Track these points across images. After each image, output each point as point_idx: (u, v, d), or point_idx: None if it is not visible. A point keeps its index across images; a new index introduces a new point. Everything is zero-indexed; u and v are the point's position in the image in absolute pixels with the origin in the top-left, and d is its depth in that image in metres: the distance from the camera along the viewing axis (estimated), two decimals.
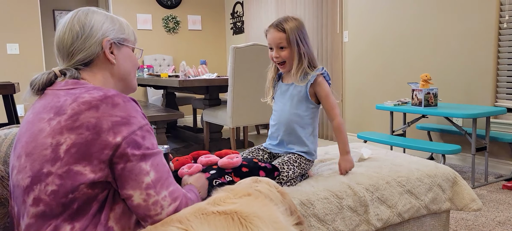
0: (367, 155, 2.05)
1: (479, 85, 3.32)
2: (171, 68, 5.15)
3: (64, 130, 0.96)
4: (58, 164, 0.95)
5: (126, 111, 0.99)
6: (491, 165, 3.29)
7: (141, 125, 1.01)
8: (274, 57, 1.75)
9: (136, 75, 1.26)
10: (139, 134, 0.99)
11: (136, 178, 0.97)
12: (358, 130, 4.53)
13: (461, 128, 3.08)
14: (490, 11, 3.19)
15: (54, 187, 0.95)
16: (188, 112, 6.72)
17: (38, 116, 1.02)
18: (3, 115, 5.37)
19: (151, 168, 0.99)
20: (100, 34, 1.11)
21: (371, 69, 4.33)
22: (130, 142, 0.97)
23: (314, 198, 1.54)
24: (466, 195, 1.87)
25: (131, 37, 1.21)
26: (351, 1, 4.49)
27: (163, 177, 1.01)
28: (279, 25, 1.72)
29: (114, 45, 1.14)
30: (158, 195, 0.99)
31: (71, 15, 1.13)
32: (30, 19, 5.53)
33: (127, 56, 1.19)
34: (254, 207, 1.02)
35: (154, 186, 0.99)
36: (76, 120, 0.96)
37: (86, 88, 1.03)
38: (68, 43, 1.10)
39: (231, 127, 3.77)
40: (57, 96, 1.03)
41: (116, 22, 1.17)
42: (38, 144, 0.98)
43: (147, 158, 0.99)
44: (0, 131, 1.36)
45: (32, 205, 0.96)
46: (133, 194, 0.98)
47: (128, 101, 1.02)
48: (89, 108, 0.96)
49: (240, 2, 6.62)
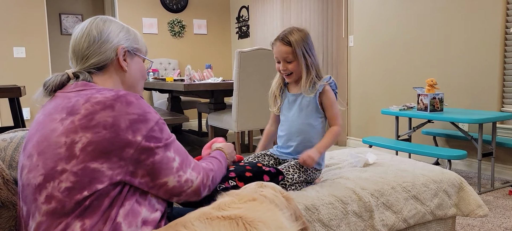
0: (373, 160, 2.05)
1: (485, 91, 3.30)
2: (177, 72, 5.16)
3: (78, 128, 0.98)
4: (74, 161, 0.97)
5: (141, 108, 1.04)
6: (497, 171, 3.26)
7: (156, 120, 1.06)
8: (282, 70, 1.76)
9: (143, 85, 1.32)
10: (157, 129, 1.05)
11: (167, 166, 1.06)
12: (363, 134, 4.52)
13: (467, 133, 3.06)
14: (496, 16, 3.18)
15: (69, 184, 0.96)
16: (193, 116, 6.73)
17: (49, 116, 1.04)
18: (9, 118, 5.41)
19: (175, 154, 1.09)
20: (116, 41, 1.18)
21: (376, 73, 4.32)
22: (151, 138, 1.03)
23: (319, 203, 1.53)
24: (472, 201, 1.86)
25: (143, 48, 1.28)
26: (356, 6, 4.48)
27: (185, 158, 1.13)
28: (284, 39, 1.73)
29: (127, 53, 1.21)
30: (186, 173, 1.11)
31: (90, 21, 1.19)
32: (37, 22, 5.57)
33: (138, 66, 1.26)
34: (259, 212, 1.01)
35: (181, 168, 1.10)
36: (92, 119, 0.99)
37: (96, 89, 1.07)
38: (84, 46, 1.16)
39: (236, 131, 3.76)
40: (68, 98, 1.06)
41: (131, 32, 1.24)
42: (51, 143, 1.00)
43: (169, 146, 1.08)
44: (5, 134, 1.37)
45: (44, 202, 0.97)
46: (167, 180, 1.07)
47: (139, 98, 1.08)
48: (104, 108, 1.00)
49: (246, 6, 6.63)
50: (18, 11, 5.45)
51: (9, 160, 1.24)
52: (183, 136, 5.28)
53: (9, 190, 1.18)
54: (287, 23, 5.48)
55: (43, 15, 5.61)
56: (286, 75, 1.77)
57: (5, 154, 1.29)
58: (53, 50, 7.00)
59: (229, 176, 1.47)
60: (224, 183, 1.44)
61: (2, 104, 5.45)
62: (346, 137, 4.76)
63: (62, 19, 7.56)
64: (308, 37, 1.77)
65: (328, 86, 1.75)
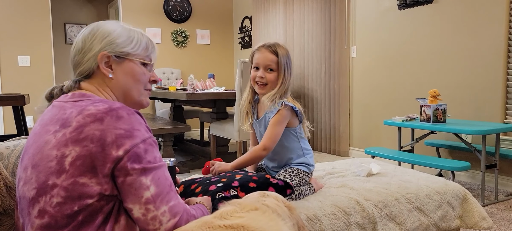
0: (376, 170, 2.04)
1: (489, 102, 3.29)
2: (179, 81, 5.18)
3: (69, 142, 0.96)
4: (64, 176, 0.95)
5: (130, 124, 0.99)
6: (501, 183, 3.24)
7: (144, 138, 1.00)
8: (259, 77, 1.74)
9: (143, 90, 1.20)
10: (142, 147, 0.99)
11: (135, 192, 0.97)
12: (366, 145, 4.51)
13: (471, 145, 3.05)
14: (499, 27, 3.18)
15: (60, 199, 0.95)
16: (195, 126, 6.73)
17: (44, 127, 1.03)
18: (13, 126, 5.42)
19: (151, 182, 0.99)
20: (98, 48, 1.12)
21: (379, 84, 4.32)
22: (132, 156, 0.97)
23: (321, 214, 1.52)
24: (476, 213, 1.84)
25: (138, 50, 1.16)
26: (359, 16, 4.50)
27: (163, 191, 1.01)
28: (272, 47, 1.73)
29: (113, 59, 1.13)
30: (157, 210, 0.98)
31: (83, 30, 1.17)
32: (42, 32, 5.61)
33: (128, 71, 1.15)
34: (261, 222, 1.01)
35: (153, 200, 0.98)
36: (81, 132, 0.96)
37: (92, 101, 1.03)
38: (72, 55, 1.15)
39: (238, 140, 3.76)
40: (63, 108, 1.04)
41: (123, 34, 1.15)
42: (44, 156, 0.98)
43: (148, 172, 0.99)
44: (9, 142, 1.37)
45: (37, 217, 0.96)
46: (132, 207, 0.98)
47: (132, 114, 1.02)
48: (94, 121, 0.97)
49: (249, 17, 6.66)
50: (23, 20, 5.50)
51: (12, 167, 1.25)
52: (185, 145, 5.28)
53: (11, 198, 1.18)
54: (289, 33, 5.50)
55: (48, 25, 5.65)
56: (261, 84, 1.75)
57: (8, 161, 1.29)
58: (57, 59, 7.04)
59: (232, 185, 1.47)
60: (225, 192, 1.43)
61: (6, 113, 5.46)
62: (348, 148, 4.75)
63: (67, 28, 7.61)
64: (290, 55, 1.78)
65: (284, 109, 1.70)
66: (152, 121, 4.44)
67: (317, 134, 5.15)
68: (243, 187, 1.48)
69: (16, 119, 3.28)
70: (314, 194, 1.74)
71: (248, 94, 1.86)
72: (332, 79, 4.81)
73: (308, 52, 5.15)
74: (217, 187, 1.44)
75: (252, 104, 1.86)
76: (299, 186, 1.71)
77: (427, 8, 3.74)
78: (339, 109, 4.75)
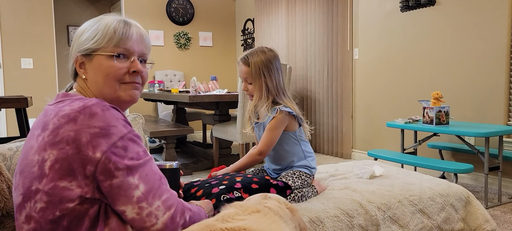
0: (379, 173, 2.03)
1: (491, 104, 3.28)
2: (182, 83, 5.18)
3: (47, 145, 0.93)
4: (45, 180, 0.92)
5: (104, 121, 0.93)
6: (505, 185, 3.23)
7: (122, 135, 0.95)
8: (243, 89, 1.77)
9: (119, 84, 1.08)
10: (120, 145, 0.94)
11: (125, 194, 0.93)
12: (369, 147, 4.50)
13: (473, 147, 3.04)
14: (502, 29, 3.17)
15: (42, 204, 0.93)
16: (197, 128, 6.73)
17: (31, 132, 1.01)
18: (16, 128, 5.43)
19: (139, 181, 0.94)
20: (75, 48, 1.08)
21: (381, 86, 4.31)
22: (112, 155, 0.92)
23: (324, 216, 1.52)
24: (480, 215, 1.83)
25: (102, 43, 1.05)
26: (361, 18, 4.50)
27: (154, 187, 0.96)
28: (246, 58, 1.72)
29: (84, 58, 1.06)
30: (151, 206, 0.94)
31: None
32: (45, 34, 5.63)
33: (98, 67, 1.05)
34: (263, 224, 1.00)
35: (145, 198, 0.94)
36: (57, 134, 0.92)
37: (70, 100, 0.99)
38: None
39: (240, 143, 3.76)
40: (47, 111, 1.01)
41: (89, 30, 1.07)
42: (28, 161, 0.96)
43: (133, 170, 0.94)
44: (11, 143, 1.37)
45: (25, 222, 0.95)
46: (125, 209, 0.94)
47: (107, 109, 0.95)
48: (68, 121, 0.92)
49: (251, 19, 6.67)
50: (26, 23, 5.52)
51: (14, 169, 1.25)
52: (187, 148, 5.28)
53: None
54: (292, 35, 5.50)
55: (51, 27, 5.67)
56: (249, 95, 1.77)
57: (10, 163, 1.30)
58: (60, 61, 7.05)
59: (234, 187, 1.47)
60: (229, 194, 1.43)
61: (9, 115, 5.48)
62: (351, 150, 4.74)
63: (69, 31, 7.64)
64: (272, 59, 1.71)
65: (280, 115, 1.69)
66: (154, 123, 4.44)
67: (319, 136, 5.14)
68: (245, 188, 1.48)
69: (18, 121, 3.28)
70: (317, 196, 1.74)
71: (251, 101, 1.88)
72: (334, 81, 4.81)
73: (311, 54, 5.15)
74: (220, 189, 1.45)
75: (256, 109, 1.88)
76: (302, 187, 1.71)
77: (430, 10, 3.73)
78: (342, 111, 4.74)
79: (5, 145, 1.36)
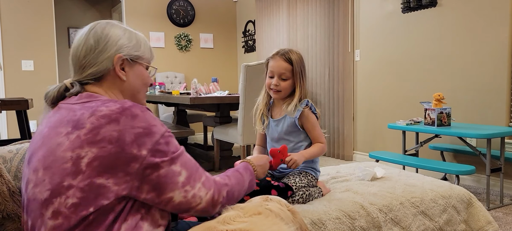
0: (381, 174, 2.03)
1: (493, 105, 3.27)
2: (183, 85, 5.18)
3: (84, 143, 0.96)
4: (80, 177, 0.95)
5: (146, 121, 1.01)
6: (507, 187, 3.22)
7: (162, 133, 1.03)
8: (274, 84, 1.76)
9: (146, 93, 1.26)
10: (163, 142, 1.02)
11: (171, 181, 1.02)
12: (370, 149, 4.49)
13: (475, 148, 3.03)
14: (503, 30, 3.16)
15: (75, 200, 0.95)
16: (198, 130, 6.73)
17: (54, 130, 1.02)
18: (16, 130, 5.43)
19: (181, 168, 1.04)
20: (114, 50, 1.12)
21: (383, 88, 4.30)
22: (156, 152, 1.00)
23: (325, 218, 1.51)
24: (482, 217, 1.83)
25: (146, 54, 1.21)
26: (363, 20, 4.49)
27: (193, 171, 1.07)
28: (286, 55, 1.75)
29: (126, 62, 1.15)
30: (194, 189, 1.05)
31: (89, 27, 1.15)
32: (45, 36, 5.64)
33: (139, 74, 1.19)
34: (264, 226, 1.00)
35: (188, 182, 1.04)
36: (97, 133, 0.96)
37: (101, 101, 1.04)
38: (81, 55, 1.12)
39: (241, 144, 3.75)
40: (73, 111, 1.04)
41: (133, 38, 1.18)
42: (57, 158, 0.98)
43: (175, 160, 1.03)
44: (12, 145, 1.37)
45: (51, 218, 0.96)
46: (173, 195, 1.02)
47: (145, 111, 1.04)
48: (109, 122, 0.97)
49: (252, 21, 6.67)
50: (27, 25, 5.52)
51: (14, 171, 1.24)
52: (188, 149, 5.27)
53: (14, 202, 1.17)
54: (293, 37, 5.50)
55: (51, 29, 5.67)
56: (275, 91, 1.78)
57: (11, 165, 1.29)
58: (61, 63, 7.06)
59: None
60: None
61: (9, 117, 5.48)
62: (352, 152, 4.74)
63: (70, 33, 7.65)
64: (303, 60, 1.80)
65: (308, 110, 1.76)
66: None
67: None
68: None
69: (19, 123, 3.28)
70: (319, 198, 1.74)
71: (264, 97, 1.89)
72: (336, 83, 4.80)
73: (312, 56, 5.14)
74: None
75: (268, 107, 1.90)
76: (308, 186, 1.71)
77: (431, 12, 3.73)
78: (343, 113, 4.74)
79: (5, 147, 1.36)
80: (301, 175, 1.74)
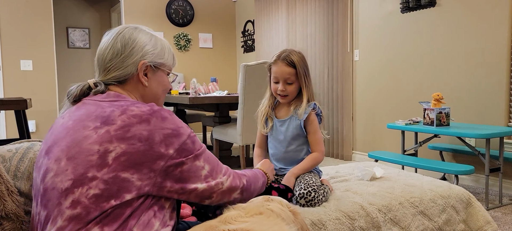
0: (380, 174, 2.03)
1: (492, 105, 3.27)
2: (182, 85, 5.18)
3: (113, 139, 1.00)
4: (105, 169, 0.99)
5: (174, 123, 1.08)
6: (506, 187, 3.22)
7: (188, 133, 1.10)
8: (280, 90, 1.74)
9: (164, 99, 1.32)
10: (189, 142, 1.09)
11: (195, 174, 1.09)
12: (369, 149, 4.49)
13: (474, 148, 3.03)
14: (503, 30, 3.17)
15: (97, 191, 0.97)
16: (197, 130, 6.73)
17: (81, 123, 1.06)
18: (15, 130, 5.43)
19: (204, 163, 1.12)
20: (139, 56, 1.18)
21: (382, 88, 4.31)
22: (183, 151, 1.07)
23: (325, 219, 1.51)
24: (481, 217, 1.83)
25: (169, 61, 1.27)
26: (362, 20, 4.50)
27: (214, 165, 1.16)
28: (287, 58, 1.72)
29: (149, 68, 1.20)
30: (216, 179, 1.14)
31: (117, 31, 1.20)
32: (44, 36, 5.63)
33: (160, 80, 1.25)
34: (266, 226, 1.00)
35: (210, 175, 1.13)
36: (128, 131, 1.01)
37: (131, 102, 1.10)
38: (107, 58, 1.17)
39: (241, 144, 3.75)
40: (101, 107, 1.08)
41: (158, 45, 1.23)
42: (83, 149, 1.01)
43: (199, 157, 1.11)
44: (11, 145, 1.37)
45: (69, 207, 0.98)
46: (197, 186, 1.10)
47: (172, 114, 1.11)
48: (140, 122, 1.03)
49: (251, 20, 6.67)
50: (26, 25, 5.51)
51: (14, 171, 1.24)
52: None
53: (13, 202, 1.17)
54: (292, 37, 5.50)
55: (50, 29, 5.66)
56: (282, 96, 1.77)
57: (10, 164, 1.29)
58: (59, 63, 7.06)
59: None
60: None
61: (8, 117, 5.47)
62: (351, 151, 4.74)
63: (69, 33, 7.63)
64: (305, 59, 1.78)
65: (313, 114, 1.76)
66: None
67: None
68: None
69: (18, 123, 3.28)
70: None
71: (269, 100, 1.87)
72: (335, 83, 4.80)
73: (311, 56, 5.14)
74: None
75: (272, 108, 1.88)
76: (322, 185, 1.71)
77: (430, 11, 3.73)
78: (342, 113, 4.74)
79: (4, 146, 1.35)
80: (311, 174, 1.72)
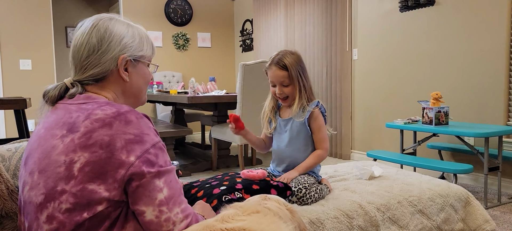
0: (378, 173, 2.03)
1: (491, 104, 3.28)
2: (180, 84, 5.17)
3: (77, 148, 0.94)
4: (72, 182, 0.93)
5: (139, 128, 0.98)
6: (504, 185, 3.23)
7: (154, 143, 0.99)
8: (278, 94, 1.77)
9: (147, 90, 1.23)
10: (152, 152, 0.98)
11: (149, 195, 0.96)
12: (368, 148, 4.49)
13: (473, 147, 3.04)
14: (501, 29, 3.17)
15: (68, 205, 0.93)
16: (196, 129, 6.73)
17: (50, 131, 1.00)
18: (14, 129, 5.42)
19: (164, 185, 0.98)
20: (118, 50, 1.08)
21: (380, 87, 4.31)
22: (144, 161, 0.96)
23: (324, 217, 1.51)
24: (479, 216, 1.83)
25: (148, 52, 1.16)
26: (360, 19, 4.50)
27: (175, 194, 1.00)
28: (280, 62, 1.74)
29: (129, 62, 1.11)
30: (171, 212, 0.98)
31: (92, 23, 1.09)
32: (43, 35, 5.62)
33: (141, 73, 1.15)
34: (263, 225, 1.00)
35: (166, 202, 0.98)
36: (90, 137, 0.94)
37: (98, 104, 1.01)
38: (84, 56, 1.07)
39: (239, 144, 3.75)
40: (69, 112, 1.01)
41: (136, 36, 1.13)
42: (51, 161, 0.96)
43: (161, 175, 0.98)
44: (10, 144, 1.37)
45: (46, 222, 0.95)
46: (145, 210, 0.96)
47: (141, 118, 1.00)
48: (102, 126, 0.95)
49: (250, 20, 6.67)
50: (25, 24, 5.51)
51: (13, 170, 1.24)
52: (186, 149, 5.27)
53: (13, 201, 1.17)
54: (291, 36, 5.50)
55: (49, 28, 5.66)
56: (282, 99, 1.78)
57: (9, 164, 1.29)
58: (59, 63, 7.04)
59: (235, 188, 1.47)
60: (230, 194, 1.43)
61: (7, 116, 5.47)
62: (350, 151, 4.74)
63: (68, 32, 7.63)
64: (301, 60, 1.79)
65: (318, 110, 1.77)
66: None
67: None
68: (247, 189, 1.48)
69: (17, 122, 3.28)
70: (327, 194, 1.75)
71: (270, 102, 1.89)
72: (333, 82, 4.81)
73: (310, 55, 5.14)
74: (221, 190, 1.45)
75: (275, 110, 1.90)
76: (317, 183, 1.72)
77: (429, 10, 3.74)
78: (341, 112, 4.74)
79: (4, 146, 1.35)
80: (306, 177, 1.72)
